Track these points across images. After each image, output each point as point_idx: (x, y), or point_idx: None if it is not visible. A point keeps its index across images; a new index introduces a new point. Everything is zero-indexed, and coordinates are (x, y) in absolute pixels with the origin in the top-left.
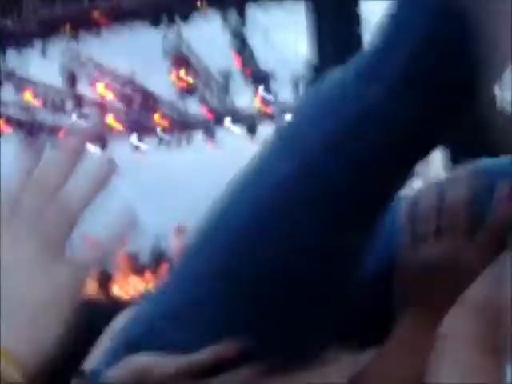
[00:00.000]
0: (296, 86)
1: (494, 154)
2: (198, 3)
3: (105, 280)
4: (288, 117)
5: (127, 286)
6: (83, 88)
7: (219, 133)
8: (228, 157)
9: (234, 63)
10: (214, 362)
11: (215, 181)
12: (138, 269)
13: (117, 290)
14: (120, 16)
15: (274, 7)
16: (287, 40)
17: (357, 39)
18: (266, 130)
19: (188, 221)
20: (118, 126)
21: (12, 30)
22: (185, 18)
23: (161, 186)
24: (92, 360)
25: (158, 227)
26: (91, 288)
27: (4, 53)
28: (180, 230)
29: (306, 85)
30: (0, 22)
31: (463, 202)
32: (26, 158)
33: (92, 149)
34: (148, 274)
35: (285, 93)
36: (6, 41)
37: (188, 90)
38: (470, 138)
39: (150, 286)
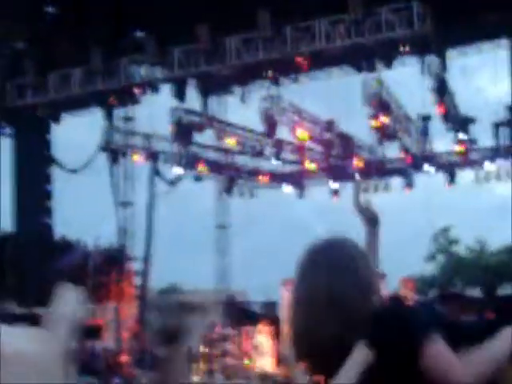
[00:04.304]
0: (497, 130)
1: None
2: (401, 48)
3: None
4: (488, 163)
5: None
6: (282, 133)
7: (418, 178)
8: (425, 202)
9: (433, 107)
10: None
11: (412, 226)
12: None
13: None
14: (321, 61)
15: (473, 51)
16: (487, 83)
17: None
18: (465, 176)
19: (385, 265)
20: (317, 171)
21: (214, 75)
22: (386, 63)
23: (358, 230)
24: None
25: None
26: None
27: (206, 98)
28: (379, 276)
29: (507, 130)
30: (203, 69)
31: None
32: None
33: (290, 191)
34: None
35: (485, 138)
36: (207, 86)
37: (387, 135)
38: None
39: None
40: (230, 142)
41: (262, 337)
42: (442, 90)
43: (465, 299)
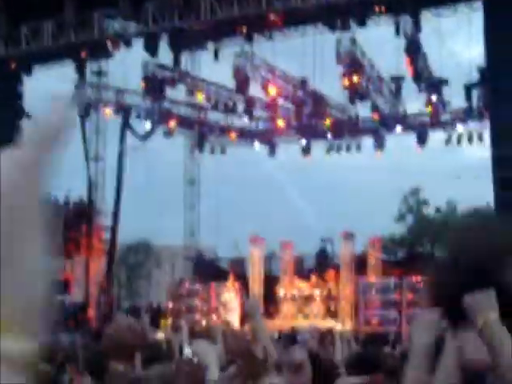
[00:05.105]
0: (469, 92)
1: None
2: (376, 8)
3: (271, 282)
4: (460, 125)
5: (292, 289)
6: (255, 90)
7: (389, 138)
8: (396, 162)
9: (406, 69)
10: None
11: (382, 186)
12: (303, 272)
13: (282, 292)
14: (295, 19)
15: (448, 13)
16: (460, 45)
17: None
18: (436, 138)
19: (354, 224)
20: (289, 129)
21: (187, 31)
22: (360, 22)
23: (328, 189)
24: None
25: (324, 230)
26: (257, 288)
27: (178, 54)
28: (347, 236)
29: (479, 93)
30: (176, 24)
31: None
32: None
33: (261, 149)
34: (313, 278)
35: (458, 100)
36: (180, 42)
37: (359, 95)
38: None
39: (315, 289)
40: (200, 97)
41: (230, 293)
42: (414, 51)
43: (430, 260)
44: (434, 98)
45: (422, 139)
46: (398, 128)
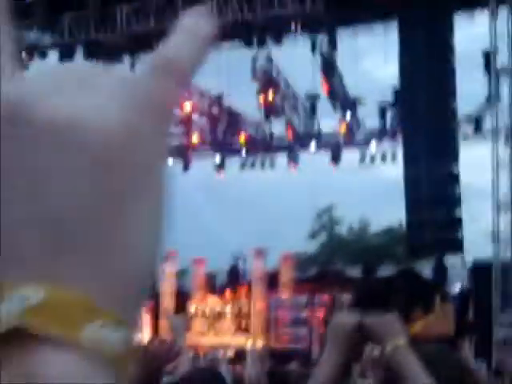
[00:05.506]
0: (383, 112)
1: None
2: (292, 26)
3: (182, 298)
4: (374, 144)
5: (203, 305)
6: None
7: (303, 156)
8: (310, 180)
9: (321, 87)
10: None
11: (296, 204)
12: (215, 288)
13: (193, 308)
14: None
15: (363, 32)
16: (376, 65)
17: (447, 67)
18: (350, 157)
19: (267, 241)
20: (203, 144)
21: (103, 43)
22: (277, 40)
23: (241, 206)
24: None
25: (236, 247)
26: (168, 305)
27: None
28: (259, 252)
29: (393, 112)
30: (92, 36)
31: None
32: None
33: (174, 166)
34: (225, 295)
35: (372, 119)
36: (96, 54)
37: (274, 113)
38: None
39: (226, 306)
40: None
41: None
42: (330, 69)
43: (342, 278)
44: (348, 116)
45: (335, 157)
46: (312, 146)
